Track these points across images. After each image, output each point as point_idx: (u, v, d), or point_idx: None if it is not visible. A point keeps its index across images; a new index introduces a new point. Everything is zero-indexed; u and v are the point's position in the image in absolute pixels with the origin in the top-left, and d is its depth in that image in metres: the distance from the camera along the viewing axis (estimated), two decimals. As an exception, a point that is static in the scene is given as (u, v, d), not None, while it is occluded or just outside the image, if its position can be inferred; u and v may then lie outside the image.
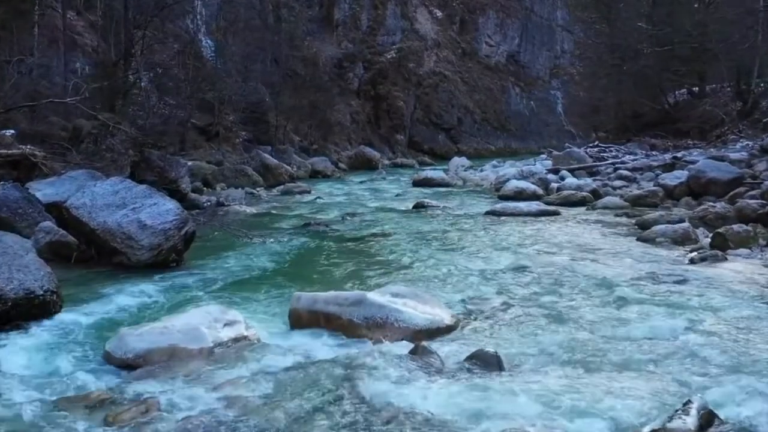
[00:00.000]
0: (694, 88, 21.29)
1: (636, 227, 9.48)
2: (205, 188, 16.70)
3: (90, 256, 7.49)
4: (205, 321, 4.38)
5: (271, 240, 8.57)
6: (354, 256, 7.56)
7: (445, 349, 4.21)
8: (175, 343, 4.16)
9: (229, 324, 4.44)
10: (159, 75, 20.40)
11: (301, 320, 4.83)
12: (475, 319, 5.03)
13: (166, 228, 7.17)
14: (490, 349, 4.00)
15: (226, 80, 22.33)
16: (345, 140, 31.62)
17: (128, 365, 4.08)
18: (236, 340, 4.36)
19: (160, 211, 7.36)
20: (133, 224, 7.21)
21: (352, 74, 35.53)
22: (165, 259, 7.12)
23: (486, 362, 3.87)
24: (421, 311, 4.71)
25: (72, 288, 6.10)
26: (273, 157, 20.72)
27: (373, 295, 4.74)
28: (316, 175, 22.40)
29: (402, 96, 36.67)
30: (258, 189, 16.88)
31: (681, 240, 8.15)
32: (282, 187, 17.03)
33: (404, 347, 4.20)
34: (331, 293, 4.93)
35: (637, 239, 8.51)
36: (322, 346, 4.38)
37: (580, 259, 7.37)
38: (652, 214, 9.70)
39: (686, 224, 8.54)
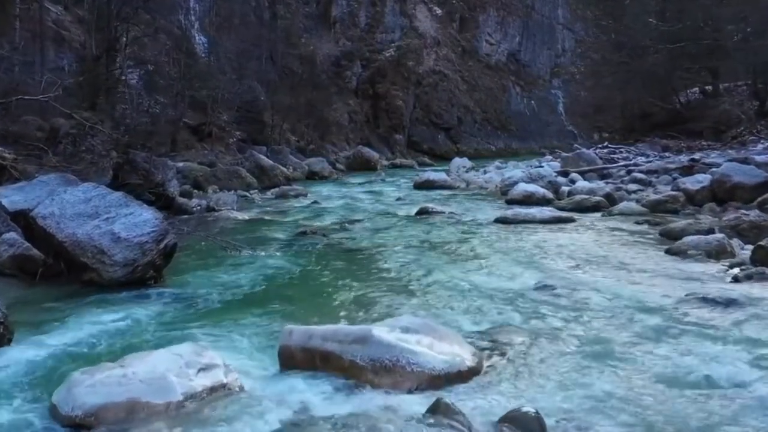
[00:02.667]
0: (706, 87, 20.50)
1: (661, 237, 8.71)
2: (196, 191, 15.92)
3: (59, 271, 6.69)
4: (174, 366, 3.57)
5: (263, 252, 7.75)
6: (354, 272, 6.75)
7: (470, 403, 3.41)
8: (136, 396, 3.34)
9: (204, 369, 3.64)
10: (150, 72, 19.62)
11: (293, 360, 4.03)
12: (501, 358, 4.22)
13: (142, 241, 6.37)
14: (529, 408, 3.20)
15: (220, 78, 21.52)
16: (343, 140, 30.83)
17: (77, 425, 3.27)
18: (213, 389, 3.55)
19: (136, 221, 6.56)
20: (105, 237, 6.41)
21: (350, 73, 34.76)
22: (141, 276, 6.31)
23: (526, 426, 3.06)
24: (437, 350, 3.91)
25: (29, 312, 5.32)
26: (268, 157, 19.94)
27: (380, 331, 3.93)
28: (313, 176, 21.61)
29: (401, 95, 35.90)
30: (252, 192, 16.09)
31: (715, 253, 7.35)
32: (277, 189, 16.23)
33: (421, 401, 3.40)
34: (330, 327, 4.12)
35: (666, 252, 7.71)
36: (317, 397, 3.57)
37: (607, 275, 6.58)
38: (678, 223, 8.90)
39: (720, 235, 7.74)
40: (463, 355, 4.01)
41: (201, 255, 7.65)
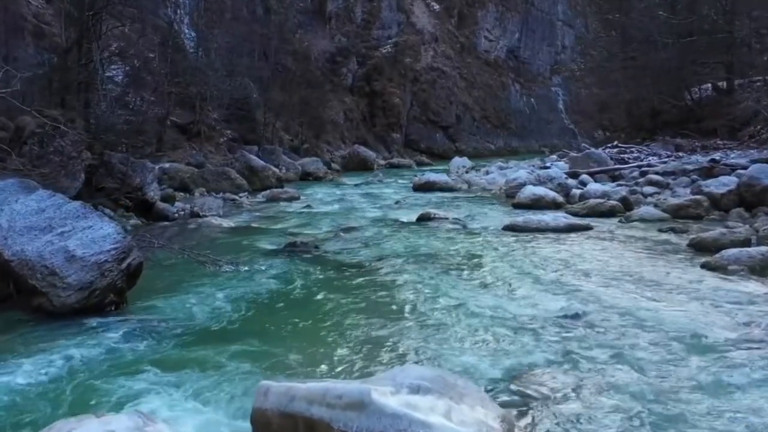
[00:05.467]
0: (720, 83, 19.59)
1: (691, 248, 7.81)
2: (182, 193, 15.02)
3: (7, 294, 5.76)
4: (107, 450, 2.65)
5: (245, 268, 6.83)
6: (348, 296, 5.81)
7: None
8: (47, 499, 2.43)
9: (148, 451, 2.72)
10: (135, 68, 18.64)
11: (269, 429, 3.10)
12: (536, 421, 3.31)
13: (101, 260, 5.44)
14: None
15: (209, 74, 20.52)
16: (338, 139, 29.92)
17: None
18: (158, 481, 2.63)
19: (95, 236, 5.63)
20: (58, 255, 5.48)
21: (345, 69, 33.84)
22: (99, 301, 5.38)
23: None
24: (457, 419, 2.98)
25: (-44, 351, 4.38)
26: (260, 158, 19.02)
27: (382, 394, 3.00)
28: (306, 177, 20.71)
29: (398, 92, 35.00)
30: (241, 195, 15.18)
31: (760, 269, 6.50)
32: (268, 192, 15.30)
33: (439, 504, 2.48)
34: (316, 386, 3.18)
35: (702, 266, 6.81)
36: (299, 491, 2.66)
37: (642, 297, 5.68)
38: (711, 233, 7.99)
39: (764, 248, 6.86)
40: (490, 422, 3.08)
41: (175, 271, 6.72)
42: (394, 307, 5.36)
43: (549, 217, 9.50)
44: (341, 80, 33.23)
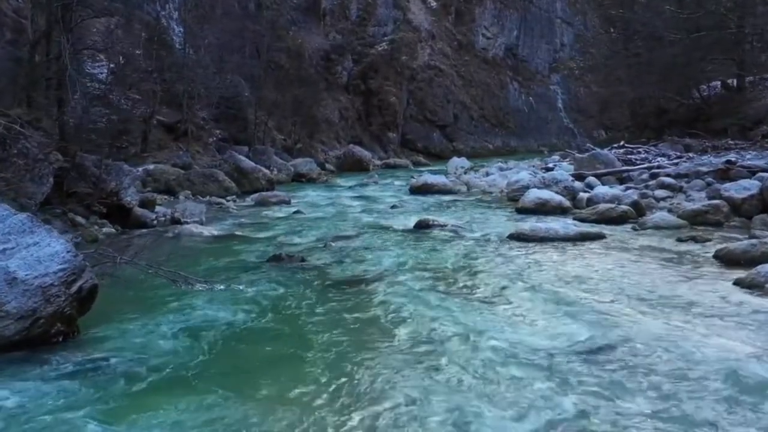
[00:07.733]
0: (729, 81, 18.84)
1: (717, 260, 7.07)
2: (167, 197, 14.27)
3: (-58, 321, 4.98)
4: None
5: (221, 287, 6.04)
6: (333, 323, 5.02)
7: None
8: None
9: None
10: (120, 64, 17.85)
11: None
12: None
13: (46, 283, 4.66)
14: None
15: (198, 71, 19.67)
16: (333, 139, 29.10)
17: None
18: None
19: (41, 255, 4.84)
20: (-3, 277, 4.70)
21: (340, 67, 33.01)
22: (45, 332, 4.60)
23: None
24: None
25: None
26: (250, 158, 18.20)
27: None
28: (299, 178, 19.93)
29: (394, 91, 34.16)
30: (228, 198, 14.40)
31: (802, 287, 5.74)
32: (257, 195, 14.50)
33: None
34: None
35: (735, 284, 6.07)
36: None
37: (676, 325, 4.93)
38: (739, 244, 7.23)
39: (805, 263, 6.10)
40: None
41: (140, 292, 5.93)
42: (386, 340, 4.58)
43: (558, 225, 8.74)
44: (336, 78, 32.40)
